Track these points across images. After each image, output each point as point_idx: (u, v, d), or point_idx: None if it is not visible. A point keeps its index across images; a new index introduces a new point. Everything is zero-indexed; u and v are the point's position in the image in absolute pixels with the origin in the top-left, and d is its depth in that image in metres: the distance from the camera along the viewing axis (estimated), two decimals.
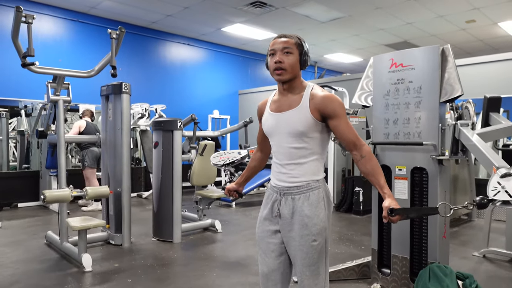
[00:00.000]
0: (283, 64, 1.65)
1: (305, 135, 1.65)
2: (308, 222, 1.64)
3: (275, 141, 1.75)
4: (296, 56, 1.68)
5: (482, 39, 8.93)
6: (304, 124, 1.64)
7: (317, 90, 1.69)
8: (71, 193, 3.58)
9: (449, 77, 2.63)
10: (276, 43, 1.70)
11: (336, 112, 1.64)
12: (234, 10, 7.38)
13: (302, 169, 1.68)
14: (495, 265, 3.64)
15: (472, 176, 5.57)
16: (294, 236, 1.67)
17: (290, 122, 1.67)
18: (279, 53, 1.66)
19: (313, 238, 1.65)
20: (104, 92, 4.28)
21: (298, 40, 1.72)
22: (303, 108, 1.65)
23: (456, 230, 4.97)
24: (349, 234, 4.71)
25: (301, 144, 1.67)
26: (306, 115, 1.64)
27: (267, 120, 1.78)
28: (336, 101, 1.65)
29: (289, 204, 1.68)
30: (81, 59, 7.37)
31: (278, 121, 1.71)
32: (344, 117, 1.65)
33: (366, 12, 7.37)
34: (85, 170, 5.99)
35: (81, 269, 3.38)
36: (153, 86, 8.55)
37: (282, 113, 1.71)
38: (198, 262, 3.66)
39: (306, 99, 1.66)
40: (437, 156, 2.65)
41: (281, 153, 1.72)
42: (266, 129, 1.79)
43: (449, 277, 2.45)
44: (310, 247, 1.65)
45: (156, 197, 4.43)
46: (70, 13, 7.45)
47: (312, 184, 1.67)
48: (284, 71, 1.66)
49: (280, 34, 1.73)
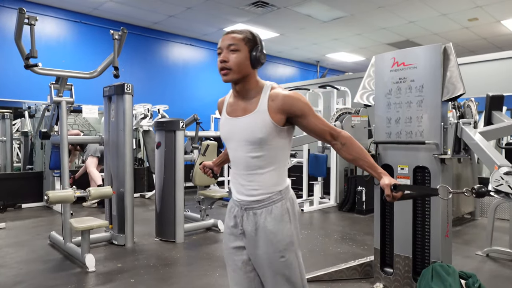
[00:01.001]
0: (228, 63, 1.48)
1: (264, 142, 1.49)
2: (273, 238, 1.51)
3: (231, 148, 1.60)
4: (244, 53, 1.49)
5: (485, 37, 8.90)
6: (263, 130, 1.48)
7: (277, 90, 1.53)
8: (74, 194, 3.60)
9: (451, 76, 2.62)
10: (222, 40, 1.53)
11: (303, 111, 1.50)
12: (236, 10, 7.39)
13: (262, 181, 1.53)
14: (499, 264, 3.63)
15: (475, 175, 5.55)
16: (260, 254, 1.54)
17: (247, 129, 1.51)
18: (225, 51, 1.50)
19: (281, 255, 1.52)
20: (107, 93, 4.30)
21: (249, 34, 1.53)
22: (261, 112, 1.49)
23: (459, 229, 4.96)
24: (352, 234, 4.70)
25: (260, 153, 1.51)
26: (265, 119, 1.48)
27: (224, 125, 1.62)
28: (301, 99, 1.50)
29: (251, 220, 1.55)
30: (84, 60, 7.41)
31: (235, 127, 1.55)
32: (311, 113, 1.51)
33: (368, 11, 7.36)
34: (87, 161, 6.10)
35: (85, 269, 3.39)
36: (155, 87, 8.58)
37: (238, 119, 1.54)
38: (200, 262, 3.66)
39: (264, 102, 1.50)
40: (439, 155, 2.64)
41: (239, 163, 1.57)
42: (223, 135, 1.63)
43: (452, 276, 2.44)
44: (279, 264, 1.53)
45: (159, 197, 4.44)
46: (73, 15, 7.49)
47: (274, 197, 1.53)
48: (229, 71, 1.49)
49: (229, 30, 1.55)
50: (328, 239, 4.47)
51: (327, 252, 3.98)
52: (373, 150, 3.02)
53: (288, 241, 1.53)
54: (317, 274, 3.16)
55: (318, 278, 3.14)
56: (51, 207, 6.15)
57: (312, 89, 6.70)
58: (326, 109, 6.77)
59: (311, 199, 6.41)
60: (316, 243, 4.31)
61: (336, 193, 6.56)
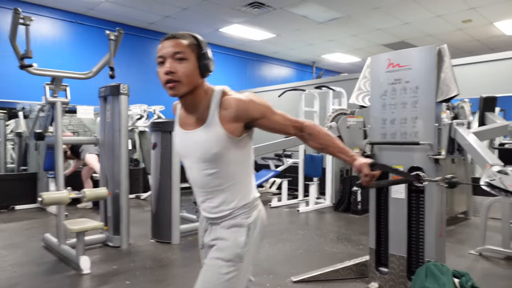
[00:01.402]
0: (176, 74, 1.30)
1: (220, 157, 1.35)
2: (221, 244, 1.38)
3: (187, 164, 1.47)
4: (192, 62, 1.32)
5: (479, 39, 8.97)
6: (217, 144, 1.33)
7: (229, 96, 1.36)
8: (69, 195, 3.58)
9: (445, 77, 2.65)
10: (164, 47, 1.33)
11: (261, 112, 1.37)
12: (232, 10, 7.40)
13: (223, 197, 1.41)
14: (491, 263, 3.66)
15: (469, 175, 5.59)
16: (205, 262, 1.43)
17: (200, 144, 1.36)
18: (169, 61, 1.31)
19: (221, 264, 1.35)
20: (102, 94, 4.29)
21: (194, 40, 1.36)
22: (213, 124, 1.34)
23: (453, 228, 5.00)
24: (347, 234, 4.72)
25: (216, 169, 1.37)
26: (217, 132, 1.33)
27: (178, 139, 1.48)
28: (256, 101, 1.36)
29: (213, 233, 1.45)
30: (79, 60, 7.38)
31: (188, 142, 1.41)
32: (270, 111, 1.39)
33: (364, 12, 7.40)
34: (86, 159, 6.06)
35: (79, 272, 3.37)
36: (151, 87, 8.56)
37: (190, 132, 1.40)
38: (197, 263, 3.64)
39: (215, 112, 1.34)
40: (433, 155, 2.67)
41: (196, 181, 1.44)
42: (178, 151, 1.50)
43: (445, 275, 2.46)
44: (216, 275, 1.35)
45: (155, 198, 4.43)
46: (69, 15, 7.46)
47: (237, 211, 1.41)
48: (178, 84, 1.31)
49: (168, 35, 1.36)
50: (324, 239, 4.48)
51: (323, 252, 3.99)
52: (368, 150, 3.04)
53: (235, 253, 1.36)
54: (313, 274, 3.18)
55: (314, 278, 3.16)
56: (45, 208, 6.12)
57: (308, 90, 6.73)
58: (321, 109, 6.80)
59: (307, 200, 6.43)
60: (312, 243, 4.32)
61: (331, 193, 6.58)
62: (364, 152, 3.06)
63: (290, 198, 6.90)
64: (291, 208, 6.38)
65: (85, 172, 6.34)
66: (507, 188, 1.70)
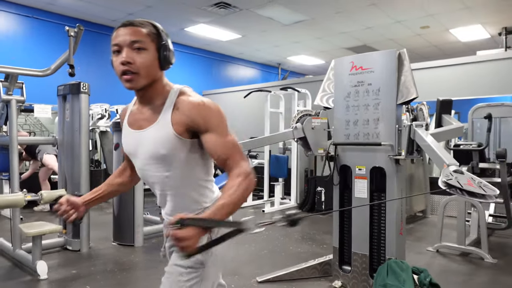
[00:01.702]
0: (134, 65, 1.20)
1: (171, 157, 1.26)
2: None
3: (138, 165, 1.37)
4: (152, 53, 1.22)
5: (436, 45, 9.39)
6: (166, 146, 1.24)
7: (186, 96, 1.27)
8: (24, 198, 3.41)
9: (405, 80, 2.75)
10: (120, 35, 1.21)
11: (208, 124, 1.23)
12: (198, 10, 7.33)
13: (181, 200, 1.33)
14: (448, 259, 3.84)
15: (427, 174, 5.84)
16: (166, 269, 1.35)
17: (150, 143, 1.27)
18: (126, 50, 1.20)
19: (181, 271, 1.27)
20: (61, 92, 4.13)
21: (153, 28, 1.24)
22: (164, 123, 1.24)
23: (412, 226, 5.19)
24: (312, 233, 4.79)
25: (170, 171, 1.28)
26: (167, 132, 1.24)
27: (126, 138, 1.39)
28: (211, 109, 1.24)
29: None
30: (36, 57, 7.05)
31: (137, 141, 1.32)
32: (218, 130, 1.24)
33: (328, 16, 7.55)
34: (44, 159, 5.80)
35: (36, 277, 3.22)
36: (114, 86, 8.26)
37: (141, 131, 1.31)
38: (161, 265, 3.57)
39: (168, 111, 1.25)
40: (394, 156, 2.76)
41: (149, 182, 1.36)
42: (126, 149, 1.40)
43: (405, 272, 2.56)
44: (176, 282, 1.27)
45: (117, 200, 4.31)
46: (25, 9, 7.10)
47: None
48: (136, 76, 1.21)
49: (125, 21, 1.23)
50: (289, 239, 4.53)
51: (287, 252, 4.03)
52: (332, 151, 3.10)
53: (195, 259, 1.25)
54: (278, 274, 3.20)
55: (279, 278, 3.18)
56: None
57: (273, 91, 6.77)
58: (287, 111, 6.87)
59: (272, 200, 6.47)
60: (277, 243, 4.35)
61: (296, 193, 6.66)
62: (328, 152, 3.12)
63: (255, 199, 6.93)
64: (256, 209, 6.40)
65: (43, 173, 6.06)
66: (462, 187, 1.79)
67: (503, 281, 3.29)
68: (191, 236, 1.03)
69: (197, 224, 1.05)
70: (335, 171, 3.09)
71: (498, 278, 3.35)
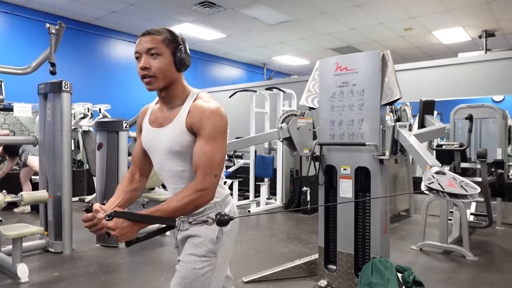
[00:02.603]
0: (151, 69, 1.34)
1: (185, 154, 1.38)
2: (195, 240, 1.41)
3: (155, 160, 1.49)
4: (167, 57, 1.36)
5: (419, 46, 9.54)
6: (180, 143, 1.36)
7: (201, 101, 1.38)
8: (4, 199, 3.33)
9: (389, 81, 2.78)
10: (139, 43, 1.36)
11: (202, 128, 1.33)
12: (183, 9, 7.27)
13: None
14: (430, 257, 3.90)
15: (410, 174, 5.93)
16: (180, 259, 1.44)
17: (167, 139, 1.39)
18: (144, 57, 1.35)
19: (195, 260, 1.39)
20: (42, 91, 4.03)
21: (169, 35, 1.37)
22: (179, 123, 1.37)
23: (396, 225, 5.27)
24: (297, 233, 4.81)
25: (185, 166, 1.40)
26: (181, 131, 1.36)
27: (145, 135, 1.50)
28: (213, 118, 1.33)
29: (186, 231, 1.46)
30: (15, 54, 6.88)
31: (156, 138, 1.44)
32: (206, 137, 1.32)
33: (312, 17, 7.59)
34: (28, 161, 5.67)
35: (16, 280, 3.15)
36: (96, 85, 8.19)
37: (160, 129, 1.43)
38: (145, 267, 3.55)
39: (184, 112, 1.37)
40: (378, 156, 2.79)
41: (165, 176, 1.47)
42: (145, 145, 1.50)
43: (389, 270, 2.59)
44: (191, 270, 1.38)
45: (100, 201, 4.21)
46: (3, 5, 6.92)
47: (208, 210, 1.43)
48: (153, 79, 1.35)
49: (144, 31, 1.38)
50: (275, 239, 4.53)
51: (273, 252, 4.03)
52: (317, 151, 3.11)
53: (208, 248, 1.39)
54: (264, 274, 3.19)
55: (265, 278, 3.18)
56: None
57: (258, 91, 6.78)
58: (272, 111, 6.88)
59: (257, 200, 6.47)
60: (263, 243, 4.35)
61: (282, 193, 6.67)
62: (314, 152, 3.13)
63: (241, 199, 6.92)
64: (242, 209, 6.38)
65: (24, 173, 5.93)
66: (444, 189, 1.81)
67: (484, 278, 3.37)
68: (119, 226, 1.20)
69: (126, 217, 1.21)
70: (320, 171, 3.11)
71: (480, 275, 3.42)
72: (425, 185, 1.90)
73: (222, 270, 1.47)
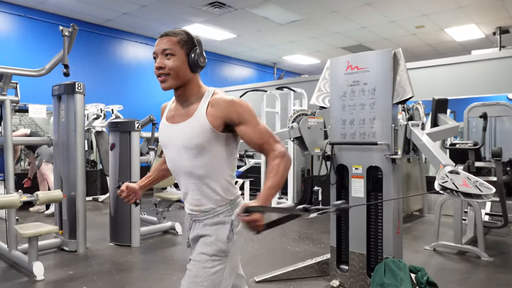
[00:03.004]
0: (165, 69, 1.40)
1: (202, 149, 1.42)
2: (206, 240, 1.44)
3: (170, 156, 1.53)
4: (181, 57, 1.41)
5: (431, 44, 9.43)
6: (200, 136, 1.40)
7: (219, 95, 1.45)
8: (20, 198, 3.39)
9: (401, 80, 2.76)
10: (157, 45, 1.44)
11: (242, 117, 1.41)
12: (193, 10, 7.31)
13: (204, 191, 1.46)
14: (445, 258, 3.85)
15: (423, 174, 5.86)
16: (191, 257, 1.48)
17: (184, 134, 1.44)
18: (160, 57, 1.42)
19: (206, 258, 1.41)
20: (56, 92, 4.10)
21: (185, 36, 1.44)
22: (199, 117, 1.42)
23: (409, 225, 5.21)
24: (309, 233, 4.80)
25: (200, 161, 1.43)
26: (202, 124, 1.41)
27: (162, 131, 1.56)
28: (242, 105, 1.42)
29: (196, 231, 1.50)
30: (30, 57, 7.00)
31: (172, 133, 1.49)
32: (251, 122, 1.42)
33: (322, 16, 7.56)
34: (41, 167, 5.76)
35: (32, 278, 3.20)
36: (109, 86, 8.28)
37: (177, 125, 1.48)
38: (158, 265, 3.58)
39: (204, 107, 1.43)
40: (390, 155, 2.77)
41: (179, 171, 1.50)
42: (161, 141, 1.57)
43: (403, 271, 2.56)
44: (202, 269, 1.41)
45: (113, 201, 4.29)
46: (17, 8, 7.05)
47: (220, 209, 1.47)
48: (167, 77, 1.41)
49: (163, 33, 1.45)
50: (286, 239, 4.53)
51: (285, 252, 4.03)
52: (329, 150, 3.10)
53: (219, 248, 1.42)
54: (275, 274, 3.20)
55: (276, 277, 3.18)
56: None
57: (269, 91, 6.77)
58: (283, 110, 6.87)
59: None
60: (274, 243, 4.36)
61: (293, 193, 6.66)
62: (325, 152, 3.12)
63: (252, 199, 6.91)
64: None
65: (40, 174, 6.02)
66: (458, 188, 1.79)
67: (499, 278, 3.31)
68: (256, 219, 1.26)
69: (259, 210, 1.29)
70: (331, 170, 3.10)
71: (495, 276, 3.37)
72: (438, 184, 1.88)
73: (232, 270, 1.49)
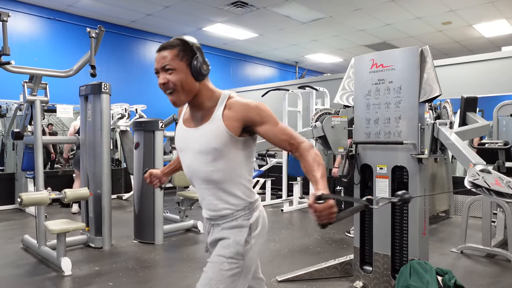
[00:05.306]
0: (169, 84, 1.37)
1: (219, 153, 1.40)
2: (223, 243, 1.43)
3: (186, 161, 1.50)
4: (183, 70, 1.37)
5: (458, 41, 9.17)
6: (218, 140, 1.39)
7: (235, 98, 1.43)
8: (49, 196, 3.49)
9: (428, 78, 2.69)
10: (156, 61, 1.40)
11: (262, 118, 1.40)
12: (215, 9, 7.35)
13: (223, 196, 1.45)
14: (472, 261, 3.74)
15: (450, 174, 5.70)
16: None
17: (201, 139, 1.42)
18: (161, 73, 1.39)
19: (223, 261, 1.40)
20: (83, 92, 4.20)
21: (182, 46, 1.39)
22: (216, 121, 1.40)
23: (435, 227, 5.09)
24: (331, 233, 4.75)
25: (216, 166, 1.42)
26: (219, 128, 1.39)
27: (178, 135, 1.53)
28: (260, 107, 1.41)
29: (215, 235, 1.49)
30: (58, 58, 7.21)
31: (189, 138, 1.47)
32: (271, 121, 1.41)
33: (346, 13, 7.46)
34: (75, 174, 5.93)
35: (60, 273, 3.30)
36: (133, 86, 8.43)
37: (194, 129, 1.46)
38: (180, 263, 3.62)
39: (220, 111, 1.41)
40: (416, 154, 2.70)
41: (196, 176, 1.48)
42: (177, 145, 1.54)
43: (429, 273, 2.50)
44: (218, 271, 1.39)
45: (137, 199, 4.36)
46: (47, 11, 7.28)
47: (237, 213, 1.45)
48: (174, 92, 1.38)
49: (160, 46, 1.41)
50: (308, 239, 4.50)
51: (307, 252, 4.00)
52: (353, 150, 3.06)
53: (236, 250, 1.41)
54: (298, 274, 3.18)
55: (299, 277, 3.16)
56: (24, 209, 5.95)
57: (291, 90, 6.74)
58: (305, 109, 6.82)
59: (290, 199, 6.44)
60: (296, 242, 4.33)
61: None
62: (349, 151, 3.08)
63: (274, 198, 6.91)
64: (274, 208, 6.39)
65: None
66: (490, 187, 1.73)
67: None
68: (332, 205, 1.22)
69: (332, 198, 1.25)
70: (355, 170, 3.05)
71: None
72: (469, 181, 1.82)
73: (249, 273, 1.46)
